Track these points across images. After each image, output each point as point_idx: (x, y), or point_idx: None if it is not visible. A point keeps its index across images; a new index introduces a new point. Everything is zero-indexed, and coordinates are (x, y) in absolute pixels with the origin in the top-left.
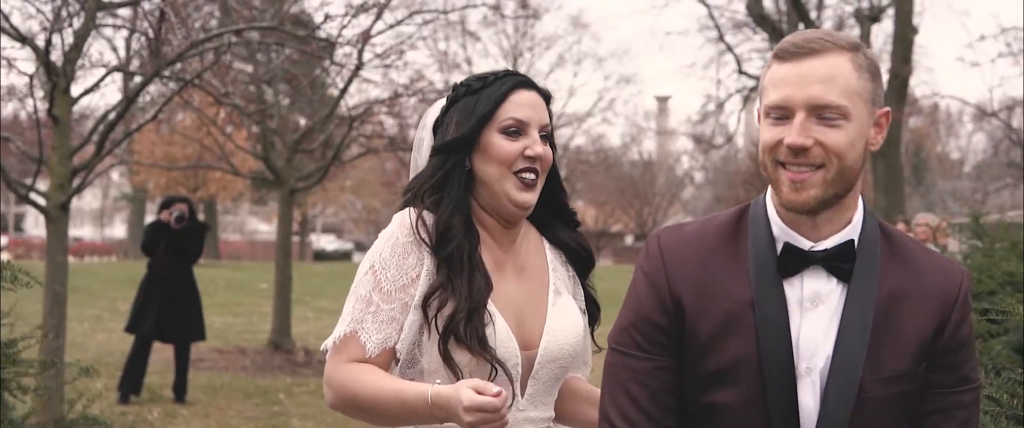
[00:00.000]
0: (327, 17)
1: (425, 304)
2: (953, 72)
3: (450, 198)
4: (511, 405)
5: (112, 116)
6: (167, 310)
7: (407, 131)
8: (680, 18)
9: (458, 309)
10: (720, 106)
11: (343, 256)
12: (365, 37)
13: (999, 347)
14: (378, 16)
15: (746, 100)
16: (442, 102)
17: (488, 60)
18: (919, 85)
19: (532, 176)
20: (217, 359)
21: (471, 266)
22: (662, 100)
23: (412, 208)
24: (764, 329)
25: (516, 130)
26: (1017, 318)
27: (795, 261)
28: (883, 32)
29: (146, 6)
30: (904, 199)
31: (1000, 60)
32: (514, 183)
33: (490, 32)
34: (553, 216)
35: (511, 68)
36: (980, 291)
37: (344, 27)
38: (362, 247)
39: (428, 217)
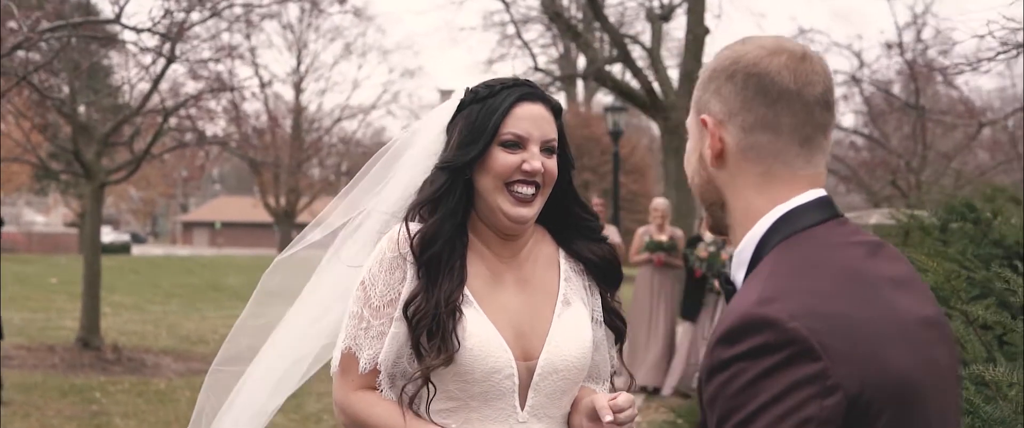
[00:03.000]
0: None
1: (405, 312)
2: None
3: (444, 208)
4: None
5: None
6: None
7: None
8: (473, 15)
9: (426, 312)
10: None
11: (121, 248)
12: (180, 30)
13: None
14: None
15: None
16: (449, 104)
17: (272, 51)
18: None
19: (530, 190)
20: (26, 357)
21: (449, 271)
22: (445, 94)
23: (402, 222)
24: None
25: (515, 143)
26: None
27: None
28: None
29: None
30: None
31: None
32: (507, 197)
33: (274, 23)
34: (571, 228)
35: (296, 65)
36: None
37: (156, 22)
38: (139, 239)
39: (414, 227)
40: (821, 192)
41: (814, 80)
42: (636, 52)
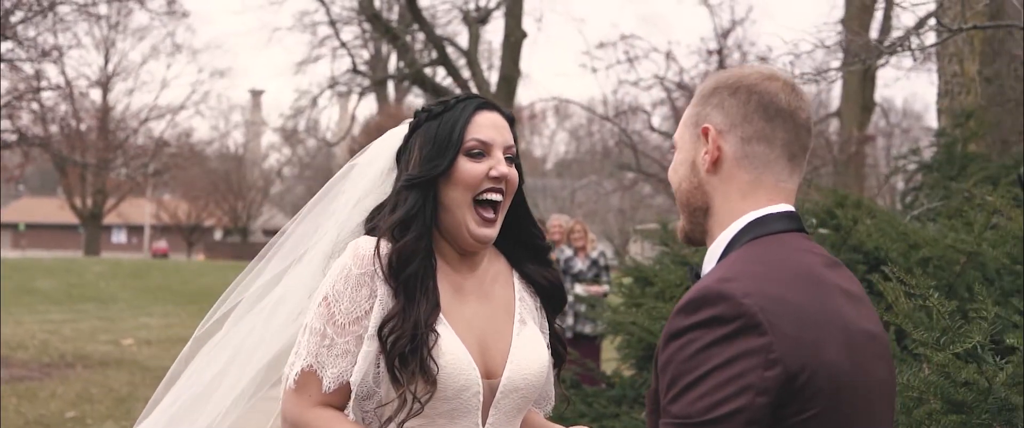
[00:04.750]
0: None
1: (380, 332)
2: (575, 76)
3: (418, 226)
4: None
5: None
6: None
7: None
8: (290, 15)
9: (403, 334)
10: (314, 101)
11: None
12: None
13: None
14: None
15: (340, 96)
16: (400, 128)
17: (79, 50)
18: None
19: (497, 197)
20: None
21: (424, 292)
22: (256, 94)
23: (370, 237)
24: None
25: (480, 151)
26: None
27: None
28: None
29: None
30: None
31: (618, 66)
32: (474, 217)
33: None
34: (522, 247)
35: (103, 64)
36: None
37: None
38: None
39: (384, 246)
40: (792, 207)
41: (803, 106)
42: (457, 55)
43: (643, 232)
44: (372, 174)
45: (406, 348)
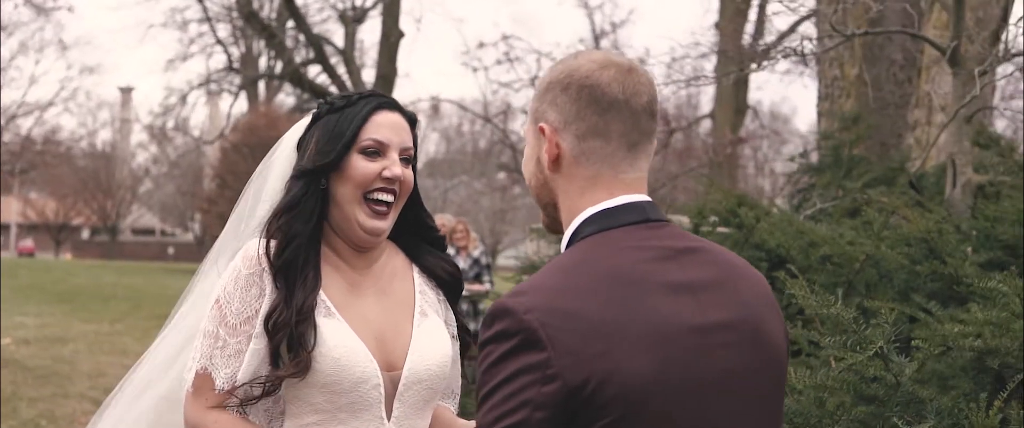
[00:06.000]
0: None
1: (266, 324)
2: (457, 76)
3: (299, 217)
4: None
5: None
6: None
7: None
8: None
9: (286, 322)
10: (183, 99)
11: None
12: None
13: None
14: None
15: (211, 94)
16: (305, 121)
17: None
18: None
19: (388, 197)
20: None
21: (303, 278)
22: (126, 91)
23: (259, 239)
24: None
25: (375, 151)
26: None
27: None
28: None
29: None
30: None
31: (498, 67)
32: (365, 210)
33: None
34: (420, 241)
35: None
36: None
37: None
38: None
39: (273, 244)
40: (637, 197)
41: (640, 90)
42: (334, 54)
43: (539, 231)
44: (278, 168)
45: (288, 335)
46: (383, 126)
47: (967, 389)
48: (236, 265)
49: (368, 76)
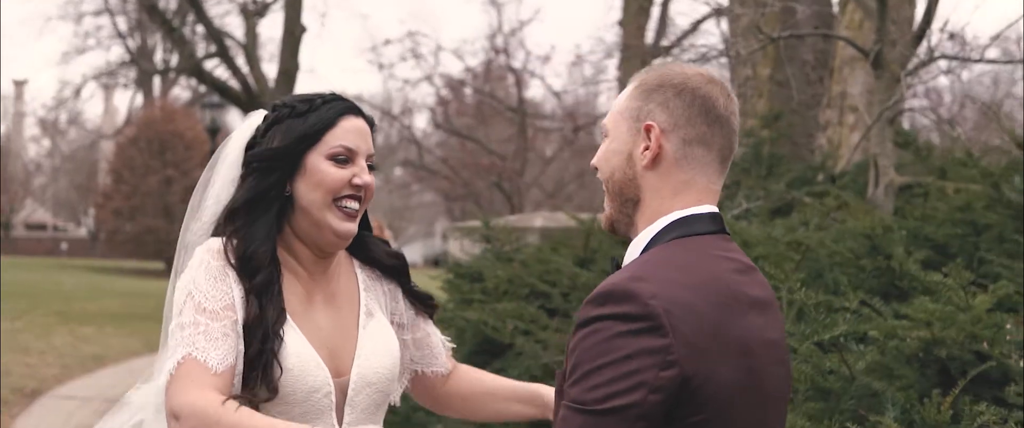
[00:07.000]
0: None
1: (245, 331)
2: (363, 72)
3: (261, 225)
4: None
5: None
6: None
7: None
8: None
9: (255, 340)
10: (77, 92)
11: None
12: None
13: None
14: None
15: (106, 88)
16: (252, 121)
17: None
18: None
19: (355, 205)
20: None
21: (270, 298)
22: (19, 84)
23: (217, 238)
24: None
25: (345, 158)
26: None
27: None
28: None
29: None
30: None
31: (403, 63)
32: (335, 213)
33: None
34: (357, 237)
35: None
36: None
37: None
38: None
39: (230, 244)
40: (715, 209)
41: (735, 111)
42: (235, 48)
43: (463, 230)
44: (225, 171)
45: (255, 353)
46: (351, 132)
47: (912, 380)
48: (203, 258)
49: (270, 71)
